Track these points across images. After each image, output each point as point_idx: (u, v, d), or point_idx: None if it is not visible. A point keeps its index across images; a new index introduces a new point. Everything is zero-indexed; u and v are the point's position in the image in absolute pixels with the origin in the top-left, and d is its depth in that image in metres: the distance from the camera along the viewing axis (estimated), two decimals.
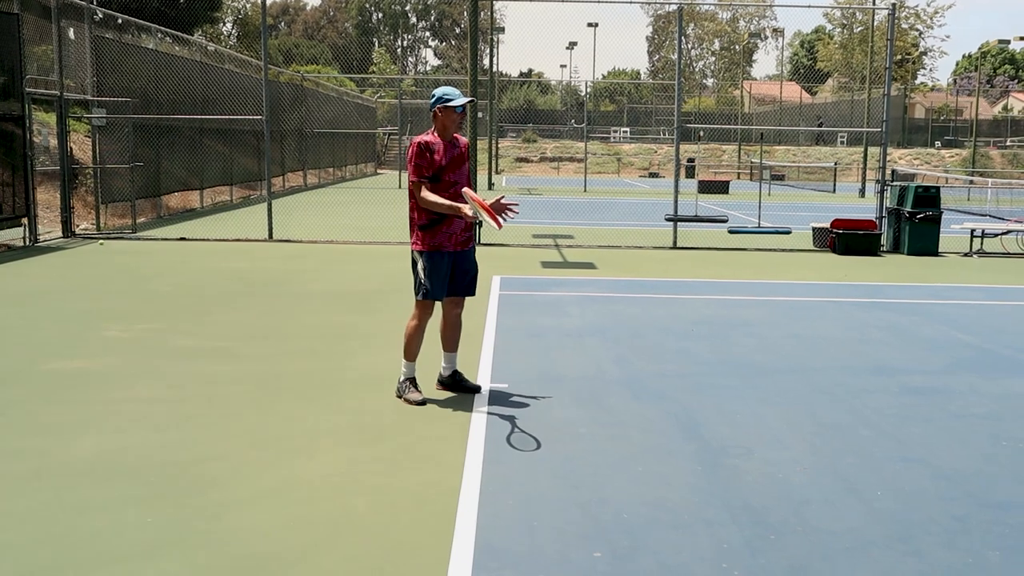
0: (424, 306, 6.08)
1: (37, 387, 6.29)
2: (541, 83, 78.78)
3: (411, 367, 6.12)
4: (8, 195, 13.75)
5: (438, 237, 5.94)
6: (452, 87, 6.03)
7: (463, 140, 6.11)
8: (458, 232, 5.98)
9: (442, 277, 5.99)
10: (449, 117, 5.90)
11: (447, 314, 6.24)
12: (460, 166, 5.99)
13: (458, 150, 6.00)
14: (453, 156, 5.95)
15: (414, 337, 6.10)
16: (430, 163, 5.86)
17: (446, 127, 5.92)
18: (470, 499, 4.43)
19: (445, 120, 5.91)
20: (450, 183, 5.92)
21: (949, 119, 64.79)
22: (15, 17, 13.84)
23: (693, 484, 4.72)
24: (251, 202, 23.90)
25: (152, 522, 4.12)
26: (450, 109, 5.87)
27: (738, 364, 7.30)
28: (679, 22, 16.34)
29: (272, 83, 19.18)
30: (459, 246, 6.02)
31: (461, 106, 5.88)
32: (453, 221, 5.93)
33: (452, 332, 6.26)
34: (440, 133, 5.94)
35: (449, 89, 5.96)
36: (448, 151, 5.94)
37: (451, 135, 5.98)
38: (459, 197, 5.89)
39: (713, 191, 32.33)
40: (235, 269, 11.98)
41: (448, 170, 5.91)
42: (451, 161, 5.93)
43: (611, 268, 12.71)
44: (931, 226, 14.91)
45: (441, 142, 5.93)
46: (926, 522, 4.31)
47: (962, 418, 6.02)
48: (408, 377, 6.11)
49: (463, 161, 6.02)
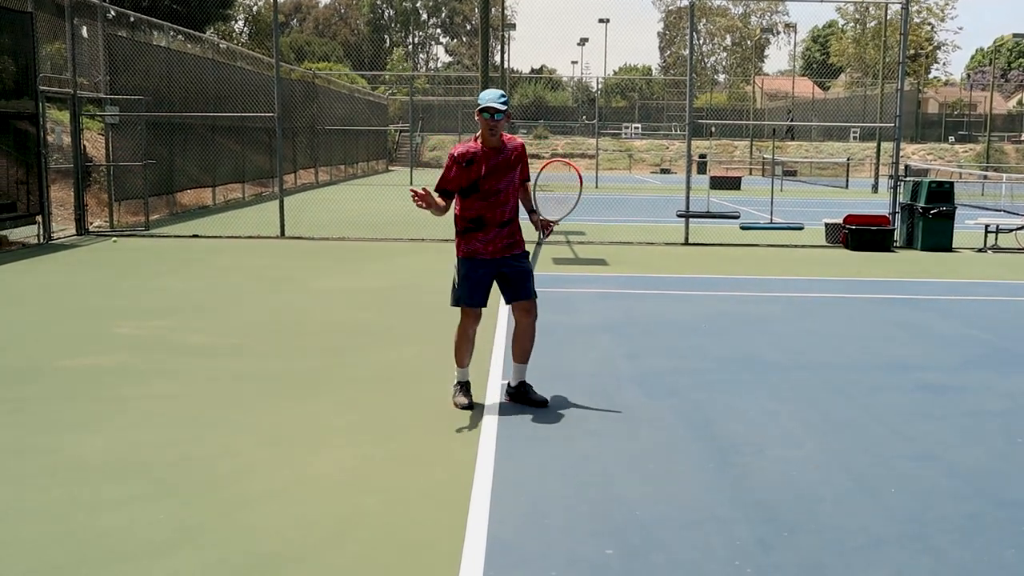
0: (463, 313, 5.86)
1: (50, 384, 6.32)
2: (552, 79, 78.70)
3: (462, 372, 5.96)
4: (22, 193, 13.81)
5: (473, 244, 5.74)
6: (495, 91, 5.71)
7: (516, 142, 5.82)
8: (497, 239, 5.75)
9: (475, 284, 5.78)
10: (481, 122, 5.64)
11: (517, 323, 5.94)
12: (506, 173, 5.71)
13: (504, 155, 5.71)
14: (496, 163, 5.68)
15: (460, 344, 5.90)
16: (460, 177, 5.66)
17: (484, 133, 5.67)
18: (482, 496, 4.43)
19: (480, 125, 5.66)
20: (491, 192, 5.67)
21: (963, 114, 64.46)
22: (29, 16, 13.90)
23: (705, 481, 4.70)
24: (263, 199, 23.95)
25: (164, 519, 4.13)
26: (480, 114, 5.61)
27: (750, 361, 7.28)
28: (691, 17, 16.30)
29: (284, 80, 19.22)
30: (499, 254, 5.77)
31: (488, 112, 5.57)
32: (491, 229, 5.71)
33: (520, 342, 5.93)
34: (483, 140, 5.71)
35: (485, 92, 5.68)
36: (491, 158, 5.68)
37: (496, 140, 5.69)
38: (502, 207, 5.71)
39: (725, 187, 32.23)
40: (247, 266, 12.00)
41: (488, 179, 5.66)
42: (493, 168, 5.67)
43: (623, 264, 12.69)
44: (945, 222, 14.83)
45: (483, 150, 5.69)
46: (940, 520, 4.29)
47: (976, 415, 5.98)
48: (460, 381, 5.97)
49: (510, 167, 5.73)
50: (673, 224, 16.61)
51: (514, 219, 5.84)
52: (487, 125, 5.63)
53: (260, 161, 25.87)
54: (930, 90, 71.39)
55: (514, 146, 5.82)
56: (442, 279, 11.57)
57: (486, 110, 5.59)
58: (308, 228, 15.83)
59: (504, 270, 5.83)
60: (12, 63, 13.62)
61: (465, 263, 5.79)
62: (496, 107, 5.57)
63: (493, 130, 5.66)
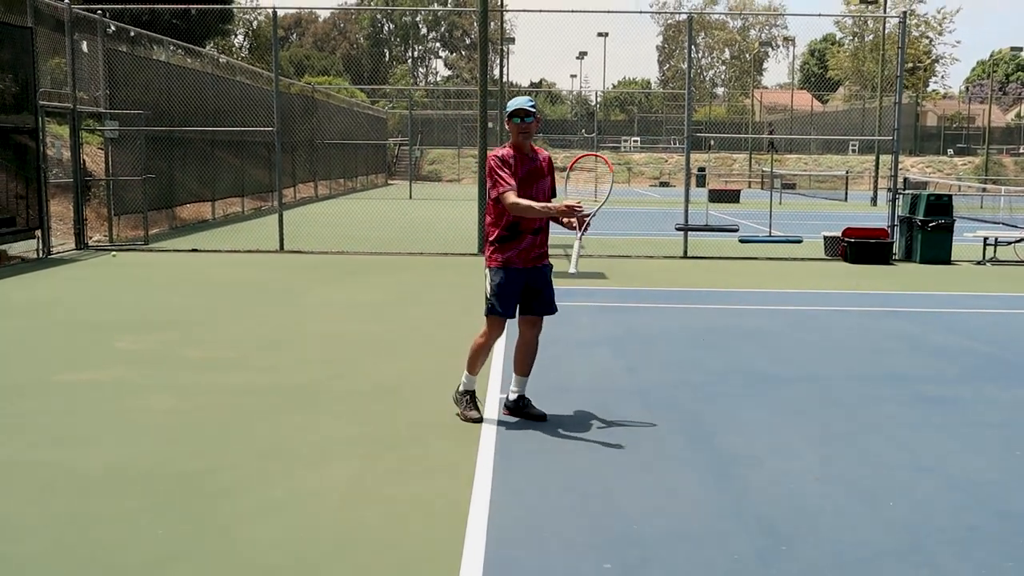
0: (493, 323, 5.82)
1: (50, 398, 6.31)
2: (551, 93, 78.90)
3: (471, 380, 5.94)
4: (22, 207, 13.83)
5: (507, 253, 5.71)
6: (524, 97, 5.74)
7: (544, 154, 5.86)
8: (530, 249, 5.75)
9: (510, 294, 5.76)
10: (511, 128, 5.65)
11: (523, 335, 5.94)
12: (537, 181, 5.71)
13: (536, 164, 5.74)
14: (530, 170, 5.69)
15: (479, 353, 5.88)
16: (511, 173, 5.62)
17: (513, 139, 5.68)
18: (480, 510, 4.43)
19: (511, 132, 5.68)
20: (527, 197, 5.64)
21: (961, 127, 64.60)
22: (29, 31, 13.94)
23: (704, 495, 4.70)
24: (262, 213, 23.98)
25: (163, 533, 4.12)
26: (510, 121, 5.63)
27: (749, 373, 7.28)
28: (689, 31, 16.38)
29: (283, 94, 19.25)
30: (531, 263, 5.78)
31: (519, 117, 5.60)
32: (525, 238, 5.71)
33: (525, 355, 5.93)
34: (515, 147, 5.70)
35: (516, 100, 5.68)
36: (524, 164, 5.68)
37: (527, 148, 5.71)
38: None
39: (724, 200, 32.30)
40: (247, 280, 12.01)
41: (523, 185, 5.64)
42: (526, 175, 5.66)
43: (622, 278, 12.70)
44: (944, 234, 14.85)
45: (516, 156, 5.68)
46: (939, 532, 4.28)
47: (976, 427, 5.98)
48: (468, 390, 5.94)
49: (542, 175, 5.75)
50: (672, 237, 16.63)
51: (545, 228, 5.86)
52: (519, 129, 5.65)
53: (259, 175, 25.91)
54: (928, 103, 71.57)
55: (544, 156, 5.87)
56: (441, 291, 11.64)
57: (515, 114, 5.62)
58: (307, 242, 15.85)
59: (533, 281, 5.83)
60: (12, 78, 13.66)
61: (500, 272, 5.75)
62: (527, 109, 5.61)
63: (526, 133, 5.67)
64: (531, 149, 5.76)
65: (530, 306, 5.88)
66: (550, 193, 5.84)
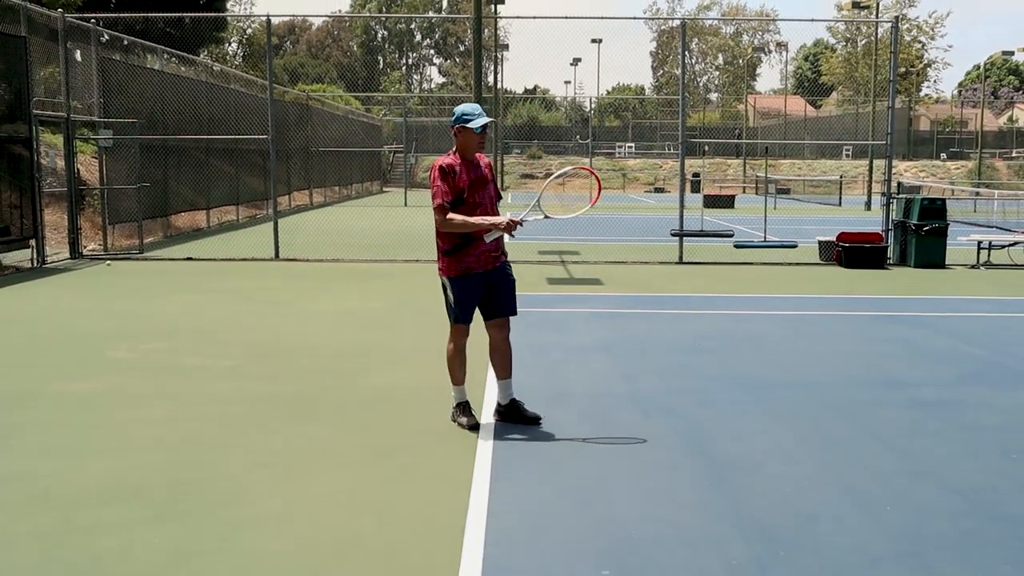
0: (458, 330, 5.88)
1: (45, 409, 6.30)
2: (546, 99, 79.00)
3: (460, 391, 5.96)
4: (16, 217, 13.81)
5: (465, 261, 5.73)
6: (474, 104, 5.83)
7: (484, 159, 5.90)
8: (487, 252, 5.75)
9: (471, 300, 5.80)
10: (469, 137, 5.70)
11: (492, 339, 5.96)
12: (484, 186, 5.78)
13: (480, 171, 5.80)
14: (476, 177, 5.74)
15: (454, 361, 5.91)
16: (452, 187, 5.65)
17: (466, 147, 5.73)
18: (478, 517, 4.42)
19: (465, 140, 5.71)
20: (474, 204, 5.69)
21: (954, 131, 64.79)
22: (22, 40, 13.94)
23: (702, 500, 4.70)
24: (257, 221, 23.96)
25: (160, 543, 4.11)
26: (469, 130, 5.68)
27: (745, 379, 7.29)
28: (682, 37, 16.39)
29: (277, 102, 19.25)
30: (489, 264, 5.79)
31: (481, 127, 5.69)
32: (480, 242, 5.69)
33: (501, 358, 5.96)
34: (461, 152, 5.76)
35: (469, 107, 5.77)
36: (470, 171, 5.73)
37: (472, 155, 5.78)
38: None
39: (719, 205, 32.34)
40: (242, 288, 12.00)
41: (472, 191, 5.70)
42: (474, 182, 5.72)
43: (617, 284, 12.71)
44: (937, 238, 14.88)
45: (462, 162, 5.74)
46: (936, 537, 4.29)
47: (972, 431, 5.99)
48: (460, 402, 5.97)
49: (486, 181, 5.81)
50: (667, 243, 16.65)
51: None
52: (476, 139, 5.73)
53: (254, 183, 25.90)
54: (921, 107, 71.77)
55: (485, 162, 5.92)
56: (437, 299, 11.55)
57: (475, 123, 5.68)
58: (303, 250, 15.84)
59: (493, 280, 5.84)
60: (6, 87, 13.65)
61: (460, 281, 5.77)
62: (485, 123, 5.71)
63: (481, 145, 5.79)
64: (474, 156, 5.83)
65: (492, 308, 5.89)
66: (495, 197, 5.88)
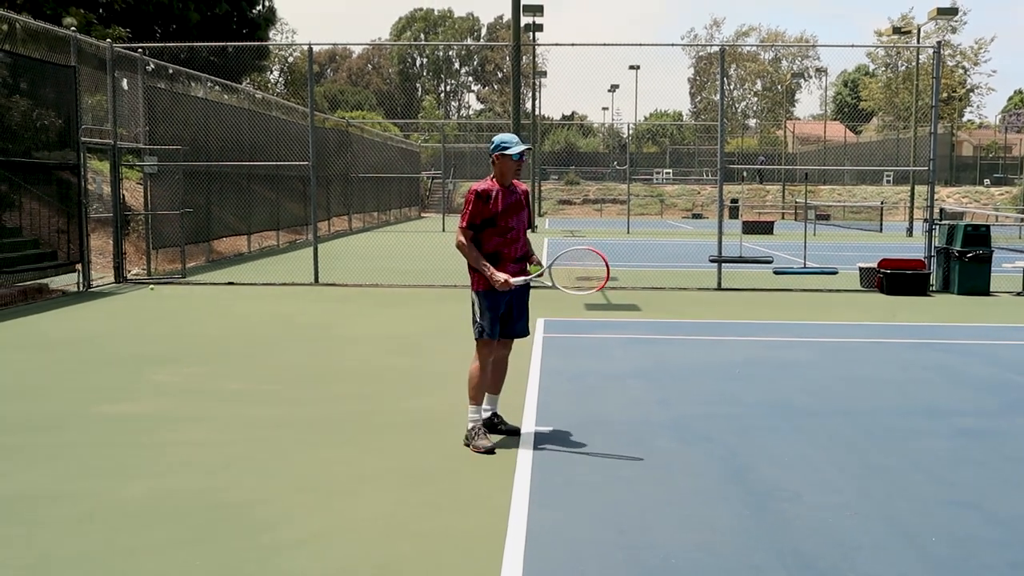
0: (484, 345, 6.11)
1: (88, 431, 6.39)
2: (583, 125, 79.21)
3: (477, 411, 6.09)
4: (63, 242, 14.08)
5: None
6: (512, 135, 6.18)
7: (522, 186, 6.20)
8: (511, 274, 6.00)
9: (496, 316, 6.06)
10: (506, 164, 6.02)
11: (496, 356, 6.24)
12: (518, 212, 6.09)
13: (516, 196, 6.10)
14: (511, 202, 6.05)
15: (479, 377, 6.10)
16: (482, 211, 5.98)
17: (504, 173, 6.05)
18: (516, 543, 4.42)
19: (503, 167, 6.04)
20: (507, 228, 6.04)
21: (998, 156, 63.96)
22: (72, 69, 14.26)
23: (741, 528, 4.66)
24: (297, 246, 24.20)
25: (200, 565, 4.15)
26: (507, 156, 6.00)
27: (785, 406, 7.22)
28: (721, 63, 16.38)
29: (318, 129, 19.48)
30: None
31: (518, 154, 6.00)
32: (507, 263, 6.03)
33: (497, 374, 6.28)
34: (498, 179, 6.07)
35: (508, 136, 6.10)
36: (506, 197, 6.03)
37: (509, 181, 6.09)
38: (515, 243, 6.06)
39: (757, 232, 32.16)
40: (282, 313, 12.11)
41: (505, 216, 6.02)
42: (508, 207, 6.03)
43: (655, 310, 12.67)
44: (982, 265, 14.69)
45: (499, 188, 6.05)
46: (981, 569, 4.21)
47: (1017, 461, 5.89)
48: (477, 424, 6.05)
49: (521, 207, 6.12)
50: (706, 269, 16.57)
51: (527, 255, 6.21)
52: (515, 166, 6.07)
53: (294, 208, 26.20)
54: (964, 133, 70.98)
55: (522, 189, 6.24)
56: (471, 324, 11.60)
57: (517, 153, 6.01)
58: (341, 275, 15.97)
59: (515, 303, 6.16)
60: (56, 115, 13.96)
61: (487, 296, 6.04)
62: (523, 150, 6.04)
63: (518, 172, 6.12)
64: (511, 182, 6.14)
65: (507, 329, 6.20)
66: (527, 224, 6.19)
